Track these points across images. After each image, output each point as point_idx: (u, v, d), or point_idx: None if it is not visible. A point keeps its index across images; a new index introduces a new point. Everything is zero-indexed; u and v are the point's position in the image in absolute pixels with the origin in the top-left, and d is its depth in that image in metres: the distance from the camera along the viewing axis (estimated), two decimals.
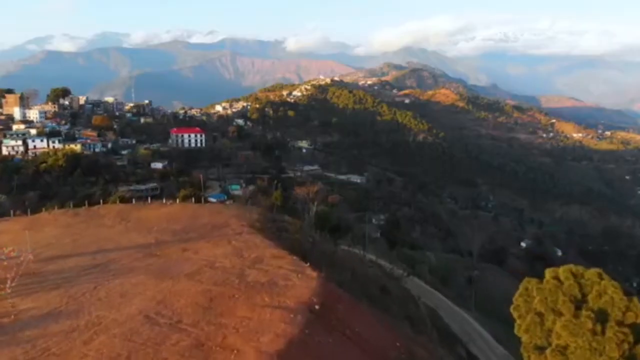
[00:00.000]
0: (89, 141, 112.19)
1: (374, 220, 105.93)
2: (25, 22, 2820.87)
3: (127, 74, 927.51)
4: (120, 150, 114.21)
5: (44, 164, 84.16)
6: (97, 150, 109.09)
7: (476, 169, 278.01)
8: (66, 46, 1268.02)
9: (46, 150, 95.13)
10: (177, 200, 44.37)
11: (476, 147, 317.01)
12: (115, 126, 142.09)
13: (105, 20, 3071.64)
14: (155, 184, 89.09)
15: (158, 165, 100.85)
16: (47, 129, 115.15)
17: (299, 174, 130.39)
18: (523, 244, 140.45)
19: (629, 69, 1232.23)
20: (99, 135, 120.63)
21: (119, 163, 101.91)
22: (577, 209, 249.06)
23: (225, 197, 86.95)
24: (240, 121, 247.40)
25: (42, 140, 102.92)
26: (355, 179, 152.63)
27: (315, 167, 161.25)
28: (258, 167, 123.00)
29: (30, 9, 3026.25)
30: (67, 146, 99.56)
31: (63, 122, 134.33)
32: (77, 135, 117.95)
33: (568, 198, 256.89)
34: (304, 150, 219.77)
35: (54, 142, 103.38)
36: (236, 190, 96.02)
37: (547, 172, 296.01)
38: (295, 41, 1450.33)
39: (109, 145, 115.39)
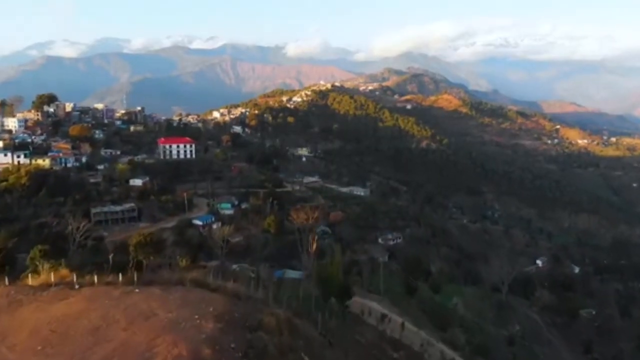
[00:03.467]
0: (60, 155, 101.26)
1: (380, 240, 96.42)
2: (26, 27, 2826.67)
3: (127, 79, 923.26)
4: (96, 164, 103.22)
5: (4, 183, 74.16)
6: (69, 165, 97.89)
7: (481, 177, 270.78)
8: (67, 52, 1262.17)
9: (9, 166, 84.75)
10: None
11: (480, 154, 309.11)
12: (101, 135, 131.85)
13: (106, 25, 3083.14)
14: (132, 205, 78.91)
15: (137, 182, 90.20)
16: (16, 141, 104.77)
17: (297, 187, 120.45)
18: (539, 262, 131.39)
19: (629, 74, 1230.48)
20: (73, 148, 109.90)
21: (92, 180, 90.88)
22: (586, 218, 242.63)
23: (213, 219, 77.25)
24: (238, 128, 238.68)
25: (5, 155, 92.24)
26: (359, 191, 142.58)
27: (316, 178, 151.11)
28: (253, 180, 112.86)
29: (31, 14, 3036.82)
30: (34, 161, 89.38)
31: (39, 132, 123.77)
32: (52, 148, 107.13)
33: (576, 206, 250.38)
34: (303, 159, 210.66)
35: (19, 156, 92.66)
36: (227, 209, 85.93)
37: (554, 180, 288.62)
38: (295, 47, 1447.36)
39: (83, 159, 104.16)
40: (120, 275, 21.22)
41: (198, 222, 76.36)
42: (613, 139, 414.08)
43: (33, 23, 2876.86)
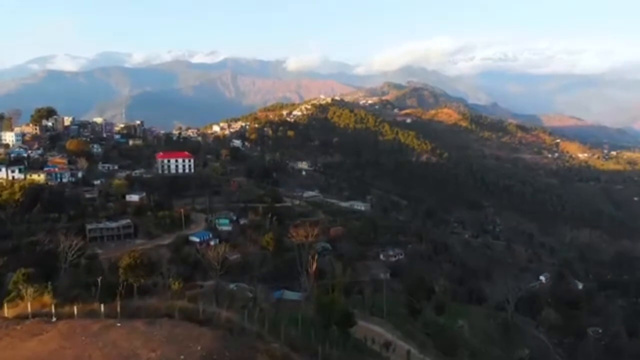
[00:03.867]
0: (56, 170, 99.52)
1: (381, 256, 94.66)
2: (28, 41, 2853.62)
3: (128, 93, 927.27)
4: (93, 179, 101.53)
5: None
6: (64, 180, 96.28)
7: (481, 191, 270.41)
8: (68, 66, 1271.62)
9: (3, 181, 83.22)
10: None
11: (481, 167, 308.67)
12: (99, 150, 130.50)
13: (108, 40, 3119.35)
14: (128, 221, 77.36)
15: (134, 197, 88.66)
16: (12, 155, 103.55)
17: (297, 202, 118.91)
18: (542, 278, 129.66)
19: (629, 88, 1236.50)
20: (69, 163, 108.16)
21: (88, 196, 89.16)
22: (587, 232, 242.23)
23: (210, 236, 75.62)
24: (238, 142, 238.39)
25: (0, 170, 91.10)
26: (359, 206, 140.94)
27: (316, 192, 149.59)
28: (252, 195, 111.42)
29: (33, 28, 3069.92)
30: (29, 176, 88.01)
31: (35, 146, 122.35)
32: (48, 163, 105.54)
33: (577, 220, 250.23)
34: (303, 173, 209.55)
35: (13, 171, 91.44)
36: (225, 225, 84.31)
37: (555, 194, 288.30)
38: (296, 61, 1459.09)
39: (79, 175, 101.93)
40: (108, 300, 19.76)
41: (195, 239, 74.63)
42: (613, 153, 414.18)
43: (35, 37, 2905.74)
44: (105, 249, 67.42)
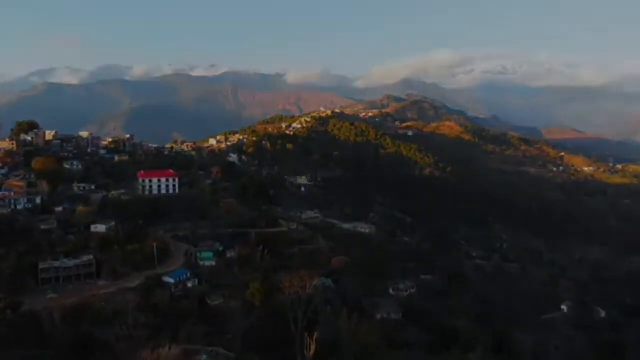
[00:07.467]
0: (12, 194, 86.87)
1: (391, 291, 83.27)
2: (29, 54, 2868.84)
3: (128, 106, 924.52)
4: (55, 206, 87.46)
5: None
6: (19, 207, 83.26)
7: (487, 206, 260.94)
8: (69, 79, 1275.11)
9: None
10: None
11: (486, 181, 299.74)
12: (79, 167, 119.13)
13: (108, 53, 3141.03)
14: (90, 257, 65.88)
15: (100, 227, 76.77)
16: None
17: (294, 225, 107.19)
18: (564, 308, 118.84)
19: (628, 100, 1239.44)
20: (29, 186, 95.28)
21: (44, 227, 76.34)
22: (597, 249, 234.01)
23: (188, 275, 64.06)
24: (234, 156, 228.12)
25: None
26: (363, 228, 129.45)
27: (315, 213, 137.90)
28: (244, 218, 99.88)
29: (35, 42, 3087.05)
30: None
31: (0, 164, 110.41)
32: (3, 186, 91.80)
33: (586, 236, 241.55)
34: (302, 189, 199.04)
35: None
36: (208, 260, 72.73)
37: (562, 208, 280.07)
38: (296, 74, 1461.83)
39: (38, 200, 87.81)
40: None
41: (169, 280, 62.84)
42: (619, 166, 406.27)
43: (37, 50, 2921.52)
44: (60, 294, 56.16)
